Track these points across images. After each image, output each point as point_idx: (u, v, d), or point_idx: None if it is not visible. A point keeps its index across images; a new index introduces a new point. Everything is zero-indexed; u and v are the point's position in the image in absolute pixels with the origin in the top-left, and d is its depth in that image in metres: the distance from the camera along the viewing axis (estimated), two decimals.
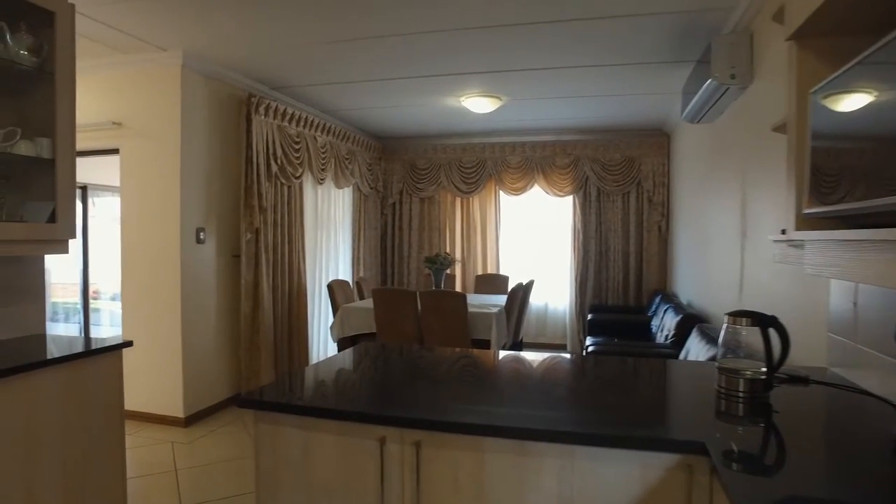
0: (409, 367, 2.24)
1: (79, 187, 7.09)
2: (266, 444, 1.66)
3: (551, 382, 2.05)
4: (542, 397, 1.82)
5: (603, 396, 1.89)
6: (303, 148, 5.38)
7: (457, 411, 1.64)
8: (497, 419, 1.52)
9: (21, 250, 2.53)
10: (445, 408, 1.66)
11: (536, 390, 1.93)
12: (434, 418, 1.51)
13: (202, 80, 4.31)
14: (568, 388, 1.97)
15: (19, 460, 2.19)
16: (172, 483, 3.28)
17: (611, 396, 1.90)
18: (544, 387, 1.99)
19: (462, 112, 5.84)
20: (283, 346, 5.17)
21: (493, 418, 1.53)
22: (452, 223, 7.54)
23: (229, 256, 4.68)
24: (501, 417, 1.55)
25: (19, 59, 2.51)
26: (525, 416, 1.58)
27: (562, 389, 1.94)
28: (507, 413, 1.62)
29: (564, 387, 1.99)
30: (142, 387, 4.28)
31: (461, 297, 4.62)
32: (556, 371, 2.23)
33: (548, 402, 1.75)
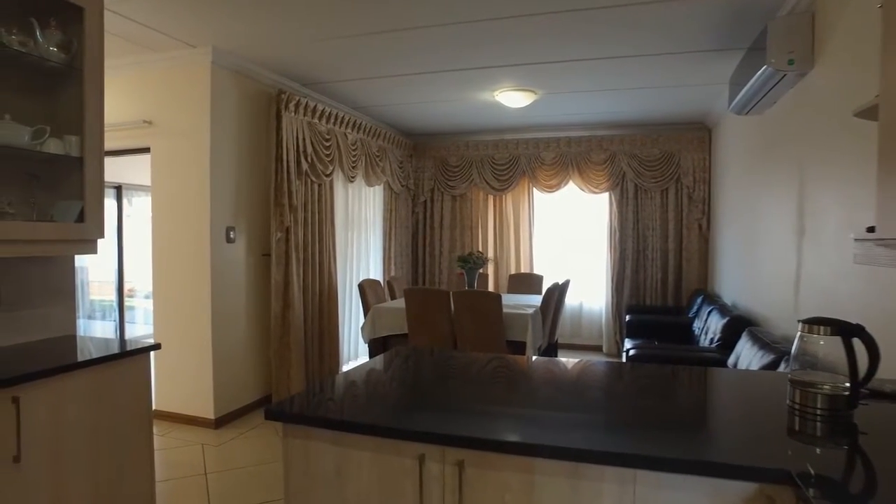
0: (445, 375, 2.11)
1: (113, 186, 7.17)
2: (296, 459, 1.55)
3: (602, 394, 1.90)
4: (595, 412, 1.67)
5: (660, 411, 1.72)
6: (333, 145, 5.30)
7: (503, 427, 1.50)
8: (549, 437, 1.37)
9: (50, 250, 2.49)
10: (490, 423, 1.53)
11: (587, 403, 1.78)
12: (478, 436, 1.37)
13: (232, 77, 4.26)
14: (621, 402, 1.82)
15: (48, 463, 2.16)
16: (202, 487, 3.22)
17: (669, 411, 1.74)
18: (595, 399, 1.84)
19: (495, 107, 5.68)
20: (314, 347, 5.10)
21: (544, 436, 1.39)
22: (485, 221, 7.39)
23: (259, 256, 4.62)
24: (553, 435, 1.41)
25: (49, 55, 2.47)
26: (579, 434, 1.44)
27: (614, 402, 1.79)
28: (558, 430, 1.47)
29: (617, 399, 1.84)
30: (173, 387, 4.26)
31: (496, 298, 4.48)
32: (605, 381, 2.08)
33: (602, 418, 1.61)
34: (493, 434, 1.40)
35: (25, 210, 2.52)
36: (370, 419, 1.50)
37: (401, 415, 1.60)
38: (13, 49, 2.34)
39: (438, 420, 1.53)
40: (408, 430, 1.43)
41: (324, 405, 1.70)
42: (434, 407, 1.71)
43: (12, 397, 2.02)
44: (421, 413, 1.63)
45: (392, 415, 1.59)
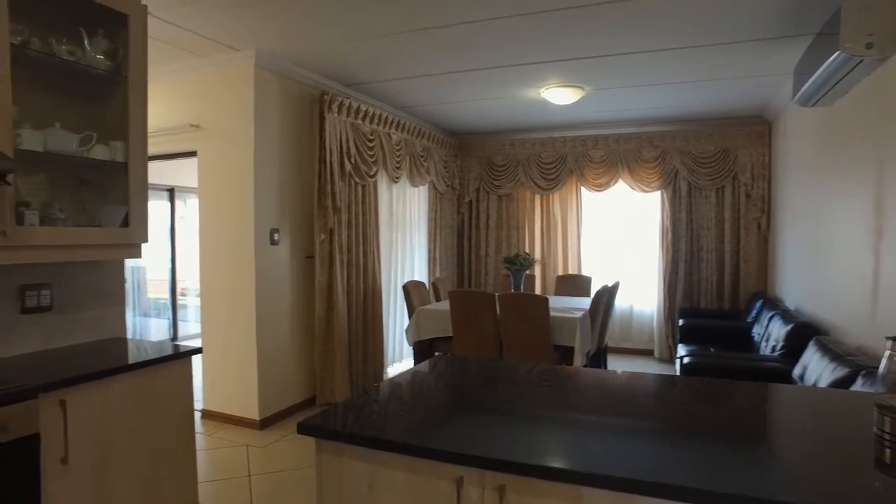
0: (488, 388, 2.01)
1: (166, 189, 7.38)
2: (329, 475, 1.48)
3: (658, 414, 1.76)
4: (651, 435, 1.53)
5: (726, 435, 1.57)
6: (377, 146, 5.26)
7: (549, 450, 1.39)
8: (600, 464, 1.25)
9: (97, 255, 2.52)
10: (535, 445, 1.41)
11: (642, 425, 1.63)
12: (521, 460, 1.26)
13: (275, 79, 4.26)
14: (680, 423, 1.67)
15: (93, 464, 2.18)
16: (245, 489, 3.22)
17: (735, 435, 1.58)
18: (651, 420, 1.70)
19: (541, 104, 5.53)
20: (358, 349, 5.07)
21: (594, 462, 1.27)
22: (531, 221, 7.23)
23: (303, 257, 4.62)
24: (604, 462, 1.28)
25: (96, 63, 2.50)
26: (634, 460, 1.30)
27: (673, 424, 1.64)
28: (610, 456, 1.34)
29: (675, 420, 1.69)
30: (220, 387, 4.31)
31: (543, 301, 4.34)
32: (662, 398, 1.93)
33: (659, 443, 1.47)
34: (537, 458, 1.29)
35: (76, 215, 2.57)
36: (404, 437, 1.41)
37: (438, 432, 1.50)
38: (63, 59, 2.38)
39: (479, 439, 1.42)
40: (444, 451, 1.33)
41: (357, 420, 1.63)
42: (475, 424, 1.60)
43: (59, 400, 2.04)
44: (460, 431, 1.53)
45: (429, 433, 1.49)
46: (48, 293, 2.57)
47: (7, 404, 1.86)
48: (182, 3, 3.22)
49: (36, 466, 1.96)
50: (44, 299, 2.55)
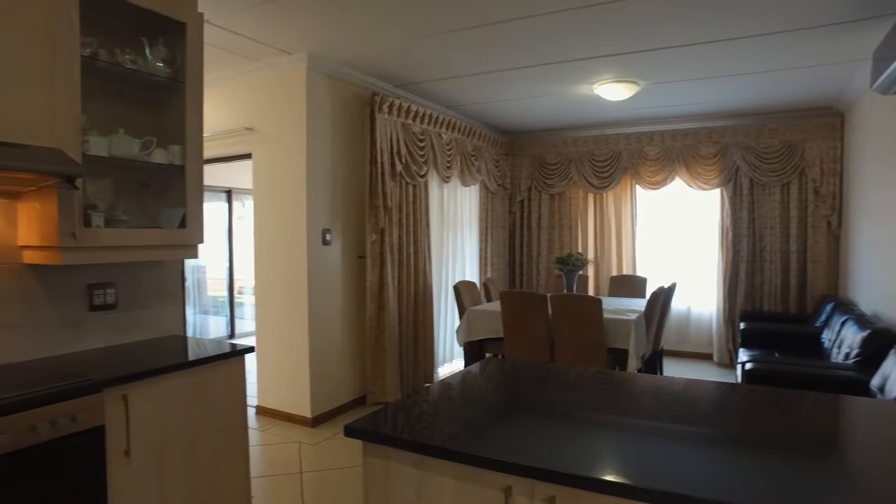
0: (539, 393, 1.95)
1: (224, 191, 7.62)
2: (376, 479, 1.47)
3: (721, 424, 1.66)
4: (713, 447, 1.44)
5: (794, 449, 1.46)
6: (427, 146, 5.26)
7: (603, 462, 1.33)
8: (657, 478, 1.19)
9: (157, 255, 2.60)
10: (587, 455, 1.36)
11: (704, 436, 1.54)
12: (573, 471, 1.21)
13: (326, 81, 4.32)
14: (744, 434, 1.57)
15: (153, 457, 2.25)
16: (297, 486, 3.27)
17: (807, 451, 1.47)
18: (713, 431, 1.60)
19: (594, 101, 5.40)
20: (408, 349, 5.09)
21: (651, 477, 1.20)
22: (584, 221, 7.08)
23: (354, 257, 4.67)
24: (662, 476, 1.21)
25: (155, 71, 2.58)
26: (693, 475, 1.23)
27: (737, 435, 1.55)
28: (668, 468, 1.27)
29: (739, 431, 1.59)
30: (274, 385, 4.41)
31: (596, 303, 4.22)
32: (724, 408, 1.82)
33: (720, 455, 1.38)
34: (590, 469, 1.23)
35: (137, 217, 2.66)
36: (452, 443, 1.38)
37: (488, 438, 1.46)
38: (126, 67, 2.47)
39: (529, 447, 1.38)
40: (492, 459, 1.29)
41: (405, 424, 1.61)
42: (525, 430, 1.55)
43: (122, 395, 2.12)
44: (510, 437, 1.49)
45: (478, 438, 1.45)
46: (113, 292, 2.67)
47: (76, 397, 1.95)
48: (237, 9, 3.30)
49: (102, 456, 2.04)
50: (109, 297, 2.66)
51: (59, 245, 2.18)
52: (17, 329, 2.34)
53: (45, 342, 2.43)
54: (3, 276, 2.31)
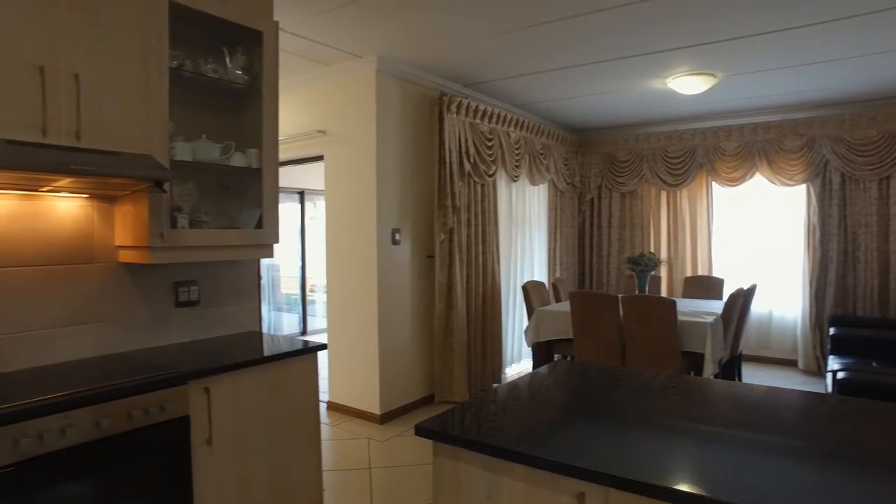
0: (613, 398, 1.90)
1: (297, 192, 7.88)
2: (446, 480, 1.47)
3: (807, 436, 1.56)
4: (798, 460, 1.35)
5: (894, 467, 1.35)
6: (496, 145, 5.24)
7: (679, 472, 1.27)
8: (740, 492, 1.12)
9: (235, 255, 2.71)
10: (663, 463, 1.30)
11: (786, 447, 1.45)
12: (651, 481, 1.17)
13: (395, 83, 4.38)
14: (834, 448, 1.47)
15: (232, 447, 2.35)
16: (366, 480, 3.34)
17: None
18: (798, 442, 1.51)
19: (668, 95, 5.21)
20: (476, 349, 5.09)
21: (733, 490, 1.14)
22: (657, 220, 6.85)
23: (423, 257, 4.72)
24: (745, 490, 1.15)
25: (235, 78, 2.70)
26: (777, 491, 1.16)
27: (824, 448, 1.45)
28: (750, 482, 1.20)
29: (828, 445, 1.49)
30: (344, 381, 4.51)
31: (670, 304, 4.07)
32: (811, 417, 1.71)
33: (807, 470, 1.29)
34: (665, 479, 1.19)
35: (218, 218, 2.79)
36: (523, 446, 1.36)
37: (558, 443, 1.43)
38: (209, 76, 2.60)
39: (602, 453, 1.34)
40: (565, 464, 1.27)
41: (476, 425, 1.60)
42: (598, 435, 1.51)
43: (205, 387, 2.23)
44: (582, 443, 1.45)
45: (550, 442, 1.43)
46: (196, 289, 2.82)
47: (165, 387, 2.08)
48: (309, 16, 3.41)
49: (187, 444, 2.16)
50: (193, 294, 2.81)
51: (149, 245, 2.32)
52: (115, 323, 2.51)
53: (137, 335, 2.60)
54: (103, 274, 2.48)
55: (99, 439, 1.88)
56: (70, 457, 1.82)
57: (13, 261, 2.23)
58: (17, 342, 2.22)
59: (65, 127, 2.02)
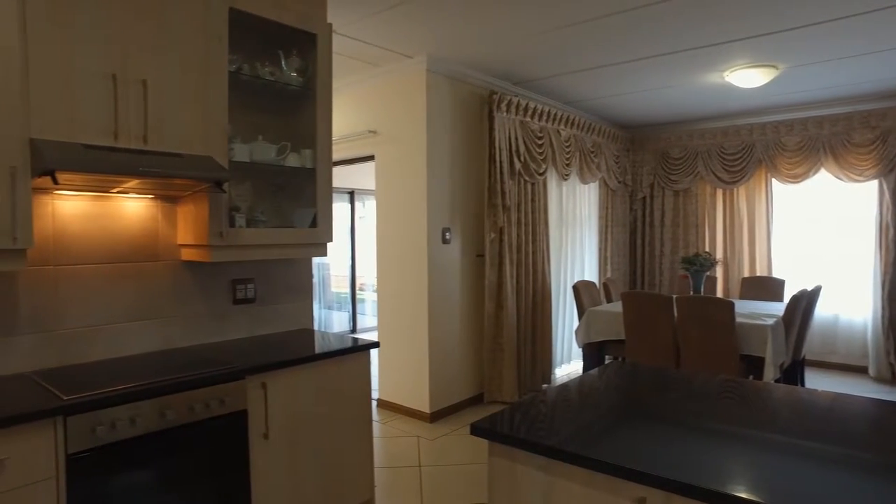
0: (672, 401, 1.84)
1: (347, 192, 8.00)
2: (501, 480, 1.46)
3: (880, 447, 1.48)
4: (873, 475, 1.28)
5: None
6: (546, 143, 5.18)
7: (742, 480, 1.22)
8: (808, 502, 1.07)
9: (290, 253, 2.77)
10: (724, 471, 1.25)
11: (862, 461, 1.38)
12: (717, 488, 1.12)
13: (445, 82, 4.39)
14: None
15: (287, 441, 2.40)
16: (416, 479, 3.35)
17: None
18: (870, 453, 1.43)
19: (725, 90, 5.04)
20: (526, 349, 5.05)
21: (802, 500, 1.09)
22: (712, 218, 6.63)
23: (473, 256, 4.71)
24: (812, 499, 1.09)
25: (290, 80, 2.76)
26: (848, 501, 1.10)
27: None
28: (816, 494, 1.14)
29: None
30: (394, 379, 4.55)
31: (728, 306, 3.93)
32: (888, 429, 1.62)
33: (886, 488, 1.22)
34: (731, 487, 1.14)
35: (273, 217, 2.86)
36: (582, 449, 1.34)
37: (617, 446, 1.40)
38: (265, 79, 2.67)
39: (661, 458, 1.30)
40: (625, 468, 1.23)
41: (532, 425, 1.58)
42: (656, 441, 1.47)
43: (262, 383, 2.29)
44: (641, 446, 1.41)
45: (607, 445, 1.40)
46: (252, 287, 2.90)
47: (224, 382, 2.14)
48: (361, 17, 3.45)
49: (245, 438, 2.22)
50: (249, 292, 2.88)
51: (209, 243, 2.40)
52: (177, 318, 2.61)
53: (197, 331, 2.69)
54: (166, 271, 2.58)
55: (164, 430, 1.96)
56: (138, 445, 1.90)
57: (88, 258, 2.34)
58: (90, 335, 2.34)
59: (134, 131, 2.11)
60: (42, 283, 2.22)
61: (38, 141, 1.86)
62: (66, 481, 1.74)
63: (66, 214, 2.29)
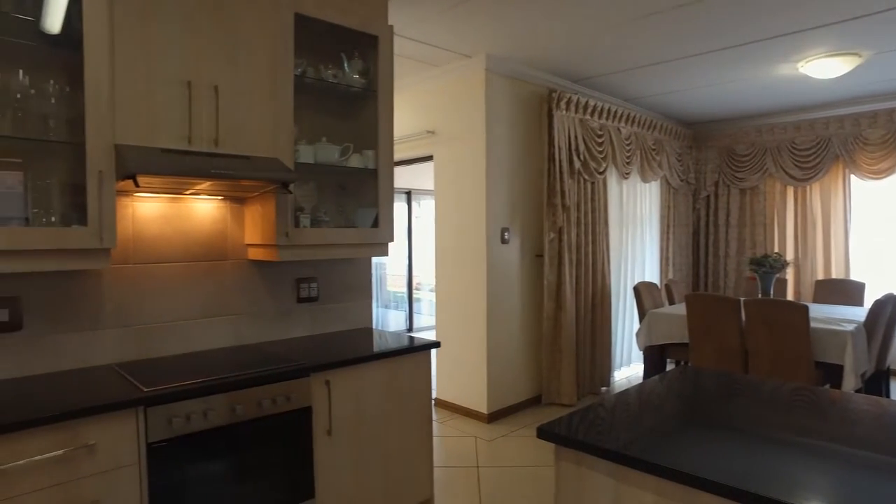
0: (747, 410, 1.76)
1: (404, 192, 8.08)
2: (568, 485, 1.43)
3: None
4: None
5: None
6: (606, 141, 5.08)
7: (824, 498, 1.15)
8: None
9: (352, 253, 2.81)
10: (808, 488, 1.19)
11: None
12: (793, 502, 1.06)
13: (504, 81, 4.36)
14: None
15: (350, 438, 2.44)
16: (474, 479, 3.34)
17: None
18: None
19: (798, 81, 4.80)
20: (585, 351, 4.96)
21: None
22: (782, 217, 6.32)
23: (532, 256, 4.66)
24: None
25: (352, 82, 2.81)
26: None
27: None
28: None
29: None
30: (452, 379, 4.56)
31: (801, 310, 3.74)
32: None
33: None
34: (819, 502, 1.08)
35: (336, 218, 2.92)
36: (654, 456, 1.29)
37: (691, 455, 1.34)
38: (329, 81, 2.72)
39: (737, 470, 1.24)
40: (700, 478, 1.18)
41: (601, 431, 1.54)
42: (735, 452, 1.40)
43: (325, 380, 2.33)
44: (716, 458, 1.36)
45: (680, 453, 1.35)
46: (315, 286, 2.96)
47: (290, 379, 2.20)
48: (420, 19, 3.47)
49: (309, 434, 2.27)
50: (312, 291, 2.95)
51: (276, 243, 2.46)
52: (244, 316, 2.70)
53: (263, 328, 2.77)
54: (234, 270, 2.67)
55: (233, 423, 2.03)
56: (210, 437, 1.97)
57: (163, 257, 2.45)
58: (165, 330, 2.45)
59: (206, 135, 2.19)
60: (123, 281, 2.34)
61: (121, 146, 1.96)
62: (146, 468, 1.83)
63: (144, 216, 2.40)
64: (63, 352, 2.19)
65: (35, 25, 1.93)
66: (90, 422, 1.72)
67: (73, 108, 1.98)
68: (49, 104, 1.96)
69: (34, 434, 1.62)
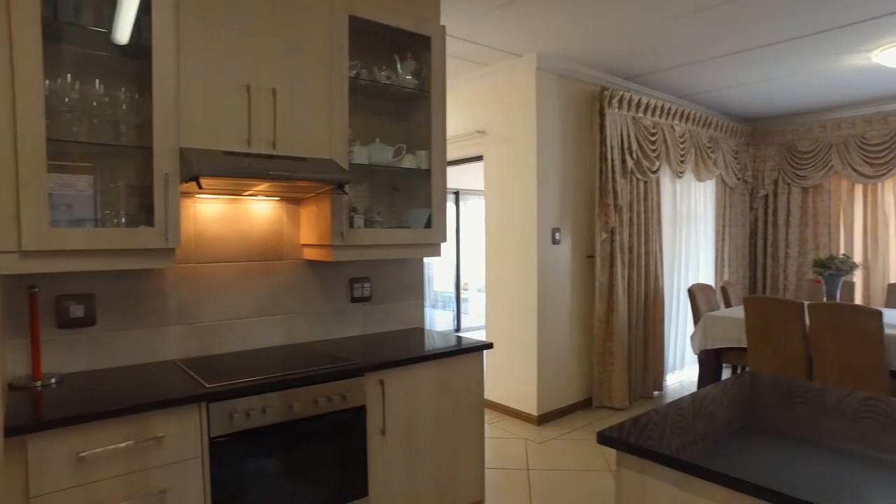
0: (817, 420, 1.68)
1: (453, 192, 8.09)
2: (630, 492, 1.39)
3: None
4: None
5: None
6: (659, 139, 4.95)
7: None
8: None
9: (405, 253, 2.83)
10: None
11: None
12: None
13: (555, 80, 4.30)
14: None
15: (403, 438, 2.45)
16: (524, 481, 3.31)
17: None
18: None
19: (869, 72, 4.55)
20: (637, 353, 4.85)
21: None
22: (849, 217, 6.01)
23: (583, 257, 4.59)
24: None
25: (405, 83, 2.82)
26: None
27: None
28: None
29: None
30: (502, 380, 4.53)
31: (874, 315, 3.54)
32: None
33: None
34: None
35: (389, 218, 2.94)
36: (720, 466, 1.24)
37: (758, 466, 1.29)
38: (382, 83, 2.75)
39: (809, 483, 1.18)
40: (771, 490, 1.13)
41: (663, 438, 1.50)
42: (807, 465, 1.34)
43: (379, 380, 2.35)
44: (785, 469, 1.29)
45: (748, 465, 1.29)
46: (368, 286, 2.99)
47: (345, 378, 2.23)
48: (470, 19, 3.46)
49: (363, 432, 2.29)
50: (366, 291, 2.98)
51: (331, 243, 2.50)
52: (299, 315, 2.75)
53: (318, 327, 2.82)
54: (290, 270, 2.73)
55: (290, 420, 2.07)
56: (268, 434, 2.02)
57: (223, 257, 2.53)
58: (224, 329, 2.52)
59: (264, 137, 2.25)
60: (185, 280, 2.42)
61: (185, 149, 2.03)
62: (209, 462, 1.88)
63: (205, 216, 2.48)
64: (132, 347, 2.28)
65: (107, 36, 2.02)
66: (158, 415, 1.79)
67: (141, 114, 2.06)
68: (120, 110, 2.05)
69: (108, 425, 1.70)
